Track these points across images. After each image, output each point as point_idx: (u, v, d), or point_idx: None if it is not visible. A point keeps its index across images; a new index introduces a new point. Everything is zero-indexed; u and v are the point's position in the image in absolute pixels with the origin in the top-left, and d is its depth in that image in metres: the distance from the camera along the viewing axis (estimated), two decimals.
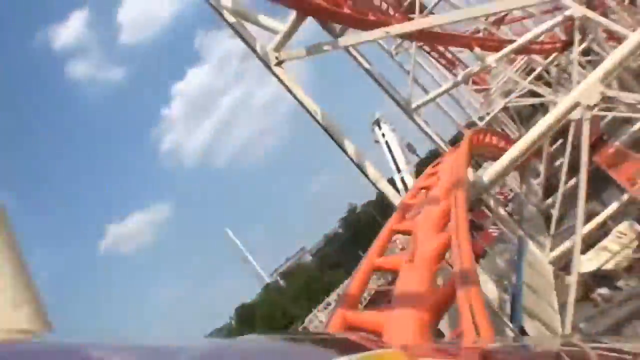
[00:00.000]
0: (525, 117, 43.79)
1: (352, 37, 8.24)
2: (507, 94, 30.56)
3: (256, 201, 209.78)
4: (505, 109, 28.14)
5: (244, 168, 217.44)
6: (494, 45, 13.52)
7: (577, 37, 11.95)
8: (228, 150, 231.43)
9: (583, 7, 11.80)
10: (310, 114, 8.57)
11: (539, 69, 17.38)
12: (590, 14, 11.59)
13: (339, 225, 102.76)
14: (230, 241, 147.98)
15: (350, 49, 14.14)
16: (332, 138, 8.47)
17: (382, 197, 9.77)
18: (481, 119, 26.00)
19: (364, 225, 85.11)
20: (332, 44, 8.11)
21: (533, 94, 30.43)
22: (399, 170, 26.77)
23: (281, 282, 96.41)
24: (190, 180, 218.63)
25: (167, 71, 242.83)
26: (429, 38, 13.06)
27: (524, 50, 14.55)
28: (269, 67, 8.93)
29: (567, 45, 17.38)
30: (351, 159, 8.60)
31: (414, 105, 13.32)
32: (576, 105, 6.50)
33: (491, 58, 12.66)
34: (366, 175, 8.73)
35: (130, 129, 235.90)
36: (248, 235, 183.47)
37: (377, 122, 29.57)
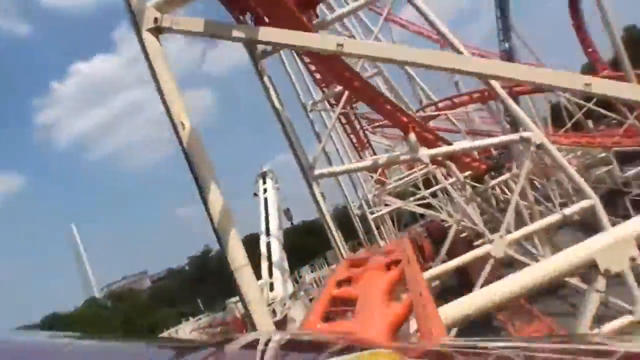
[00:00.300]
0: (405, 223, 43.68)
1: (280, 33, 5.09)
2: (398, 194, 29.56)
3: (118, 208, 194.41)
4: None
5: (117, 171, 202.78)
6: (430, 139, 11.28)
7: (529, 163, 10.04)
8: (107, 148, 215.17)
9: (543, 135, 10.03)
10: (172, 121, 5.24)
11: (452, 180, 15.45)
12: (548, 144, 9.79)
13: (187, 263, 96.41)
14: (72, 239, 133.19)
15: (266, 80, 11.25)
16: (191, 170, 5.16)
17: None
18: (372, 212, 24.49)
19: (212, 272, 80.00)
20: (245, 30, 5.01)
21: (428, 205, 29.73)
22: (268, 233, 23.75)
23: (108, 302, 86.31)
24: (55, 163, 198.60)
25: (74, 47, 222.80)
26: (368, 98, 10.51)
27: (453, 157, 12.51)
28: (138, 29, 5.55)
29: (491, 169, 15.93)
30: (209, 215, 5.28)
31: (317, 172, 10.73)
32: (591, 263, 3.89)
33: (424, 152, 10.35)
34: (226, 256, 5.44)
35: (10, 88, 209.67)
36: (95, 238, 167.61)
37: (263, 175, 26.63)
